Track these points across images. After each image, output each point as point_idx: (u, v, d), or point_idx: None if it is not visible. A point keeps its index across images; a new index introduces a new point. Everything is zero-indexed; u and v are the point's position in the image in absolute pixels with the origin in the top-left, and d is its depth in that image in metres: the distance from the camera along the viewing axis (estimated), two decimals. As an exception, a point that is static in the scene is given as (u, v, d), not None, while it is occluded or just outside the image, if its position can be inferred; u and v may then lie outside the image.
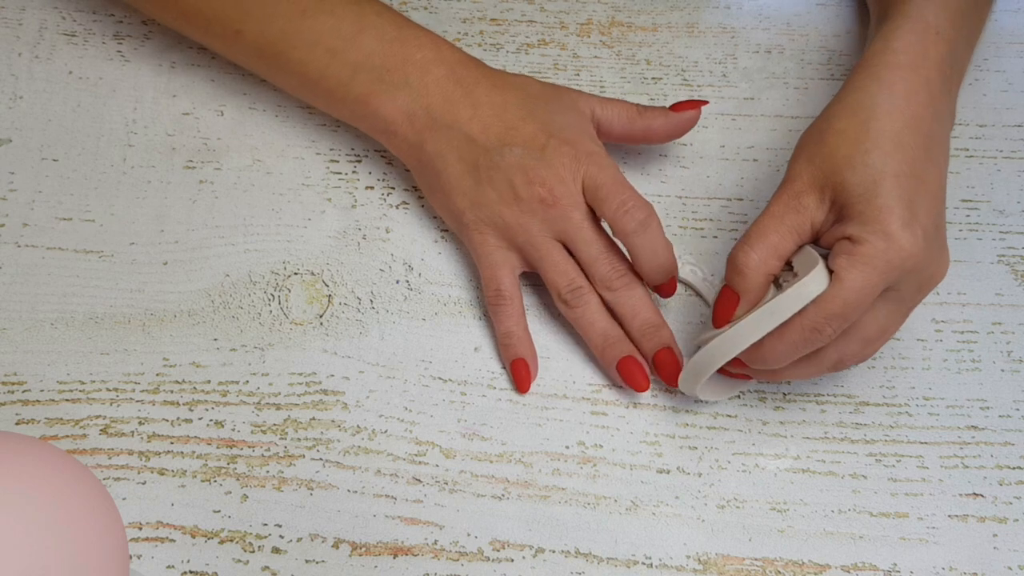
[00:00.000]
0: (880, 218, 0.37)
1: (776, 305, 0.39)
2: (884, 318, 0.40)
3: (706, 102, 0.49)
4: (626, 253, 0.45)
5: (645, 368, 0.45)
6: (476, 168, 0.46)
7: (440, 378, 0.46)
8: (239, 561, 0.41)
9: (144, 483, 0.43)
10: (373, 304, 0.48)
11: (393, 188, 0.51)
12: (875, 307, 0.39)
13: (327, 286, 0.48)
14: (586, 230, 0.45)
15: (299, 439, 0.44)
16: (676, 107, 0.49)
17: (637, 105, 0.49)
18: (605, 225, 0.46)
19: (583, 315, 0.45)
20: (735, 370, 0.42)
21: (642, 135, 0.49)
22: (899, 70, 0.40)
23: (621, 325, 0.45)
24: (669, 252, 0.45)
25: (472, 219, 0.46)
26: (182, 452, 0.44)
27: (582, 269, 0.45)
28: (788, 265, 0.41)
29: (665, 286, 0.45)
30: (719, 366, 0.40)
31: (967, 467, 0.44)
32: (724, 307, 0.41)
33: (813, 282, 0.38)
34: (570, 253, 0.46)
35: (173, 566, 0.41)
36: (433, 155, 0.46)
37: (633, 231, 0.44)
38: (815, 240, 0.41)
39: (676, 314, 0.48)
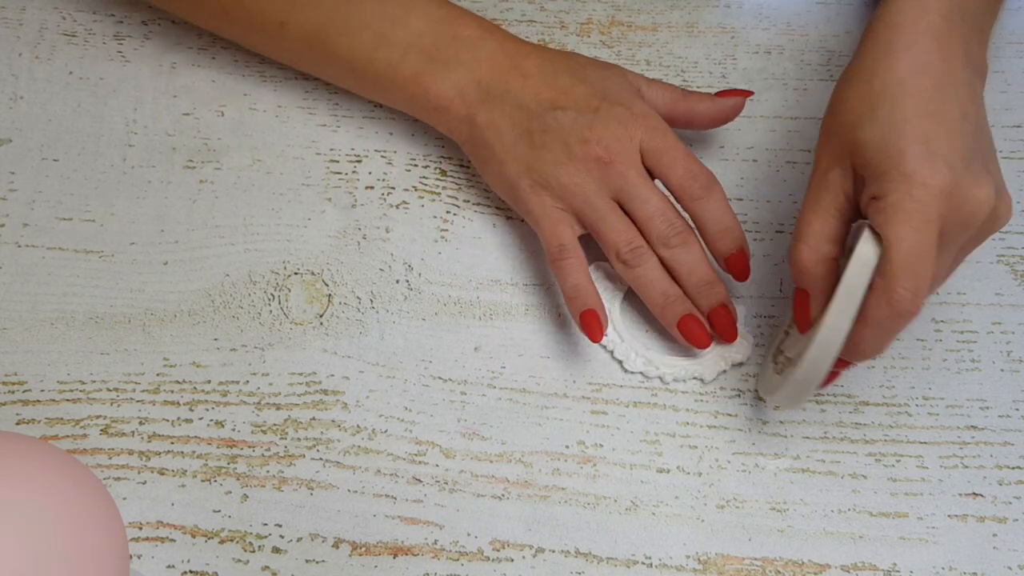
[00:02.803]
0: (896, 163, 0.36)
1: (846, 286, 0.38)
2: (939, 265, 0.38)
3: (751, 93, 0.49)
4: (686, 218, 0.45)
5: (705, 325, 0.44)
6: (530, 133, 0.46)
7: (440, 378, 0.46)
8: (239, 561, 0.41)
9: (144, 483, 0.43)
10: (373, 304, 0.48)
11: (393, 188, 0.51)
12: None
13: (327, 286, 0.48)
14: (643, 188, 0.45)
15: (299, 439, 0.44)
16: (721, 94, 0.49)
17: (682, 88, 0.49)
18: (661, 187, 0.46)
19: (644, 274, 0.44)
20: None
21: (684, 118, 0.48)
22: (897, 27, 0.39)
23: (677, 283, 0.45)
24: (735, 218, 0.45)
25: (528, 183, 0.46)
26: (182, 452, 0.44)
27: (638, 228, 0.45)
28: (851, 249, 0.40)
29: (736, 260, 0.44)
30: (826, 372, 0.39)
31: (967, 467, 0.44)
32: (801, 309, 0.41)
33: (865, 246, 0.37)
34: (625, 213, 0.45)
35: (173, 566, 0.41)
36: (485, 126, 0.47)
37: (700, 196, 0.44)
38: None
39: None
